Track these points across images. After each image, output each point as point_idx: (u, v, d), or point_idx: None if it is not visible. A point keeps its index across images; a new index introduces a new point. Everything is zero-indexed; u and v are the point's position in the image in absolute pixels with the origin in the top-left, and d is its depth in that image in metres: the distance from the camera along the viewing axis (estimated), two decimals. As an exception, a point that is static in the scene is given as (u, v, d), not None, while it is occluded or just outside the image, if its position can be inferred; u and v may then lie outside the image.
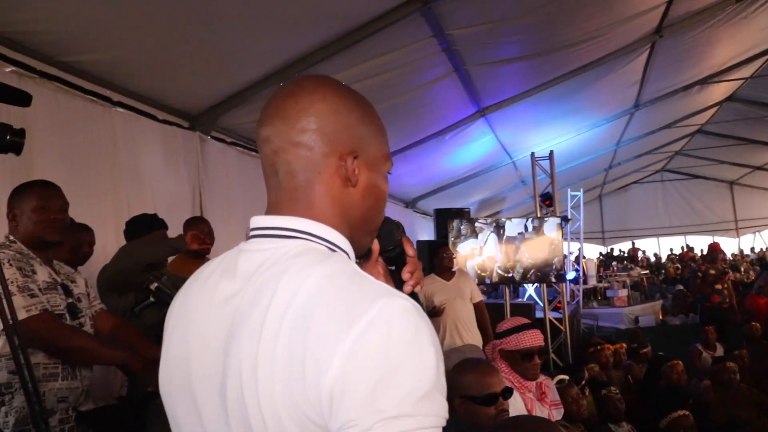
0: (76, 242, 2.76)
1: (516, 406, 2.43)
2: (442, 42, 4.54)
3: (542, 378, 2.61)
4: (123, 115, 3.56)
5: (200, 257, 2.81)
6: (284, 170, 0.77)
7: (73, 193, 2.17)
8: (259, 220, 0.78)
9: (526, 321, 2.62)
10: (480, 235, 6.55)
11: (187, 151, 4.10)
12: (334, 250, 0.76)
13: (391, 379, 0.61)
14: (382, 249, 0.90)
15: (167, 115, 3.99)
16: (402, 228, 0.94)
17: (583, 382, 4.17)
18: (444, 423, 0.64)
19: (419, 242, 6.61)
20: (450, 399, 1.92)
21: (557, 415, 2.56)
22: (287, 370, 0.64)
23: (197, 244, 2.59)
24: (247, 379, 0.66)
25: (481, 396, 1.89)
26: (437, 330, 4.44)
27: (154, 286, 2.26)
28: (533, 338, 2.53)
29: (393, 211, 7.91)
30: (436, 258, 4.81)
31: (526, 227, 6.63)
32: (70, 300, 1.97)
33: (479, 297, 4.89)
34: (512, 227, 6.64)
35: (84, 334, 1.95)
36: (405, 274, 0.90)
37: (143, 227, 2.71)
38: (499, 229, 6.63)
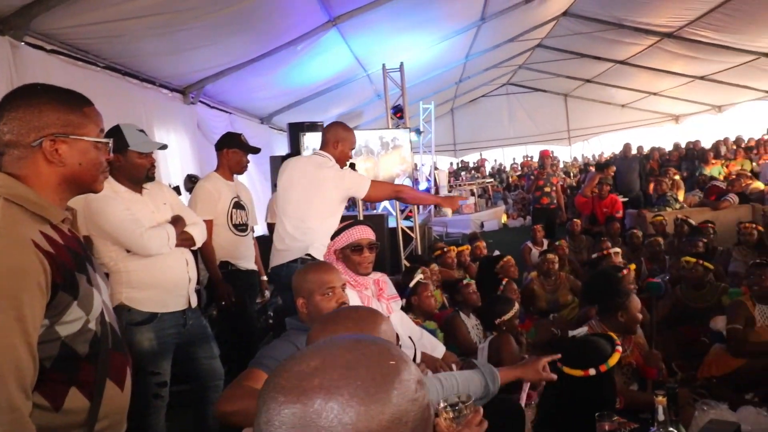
0: None
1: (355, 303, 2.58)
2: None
3: (378, 275, 2.78)
4: None
5: None
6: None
7: None
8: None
9: (353, 220, 2.75)
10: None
11: (-4, 59, 3.55)
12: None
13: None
14: None
15: (-36, 16, 3.41)
16: None
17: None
18: None
19: (272, 158, 6.49)
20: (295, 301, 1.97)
21: (396, 306, 2.77)
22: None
23: None
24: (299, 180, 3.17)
25: (321, 290, 1.99)
26: None
27: None
28: (361, 232, 2.67)
29: (246, 127, 7.62)
30: None
31: (366, 146, 6.78)
32: None
33: None
34: (366, 140, 6.77)
35: None
36: None
37: None
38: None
